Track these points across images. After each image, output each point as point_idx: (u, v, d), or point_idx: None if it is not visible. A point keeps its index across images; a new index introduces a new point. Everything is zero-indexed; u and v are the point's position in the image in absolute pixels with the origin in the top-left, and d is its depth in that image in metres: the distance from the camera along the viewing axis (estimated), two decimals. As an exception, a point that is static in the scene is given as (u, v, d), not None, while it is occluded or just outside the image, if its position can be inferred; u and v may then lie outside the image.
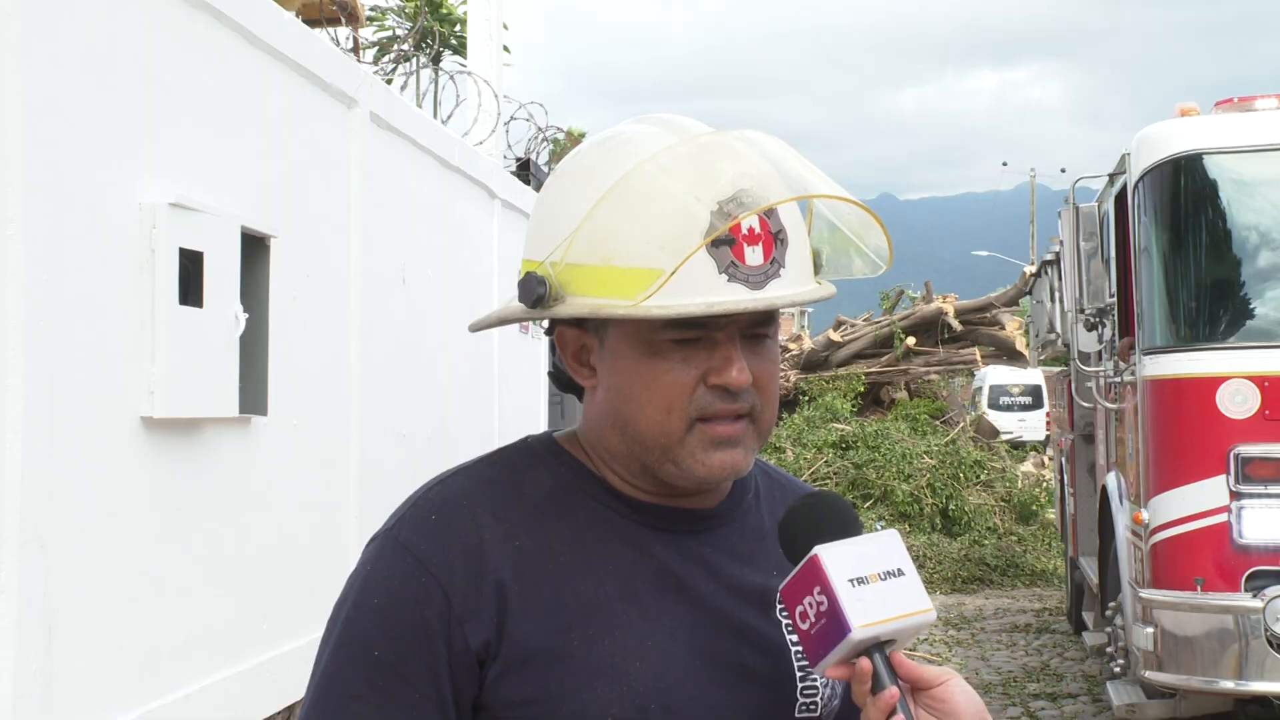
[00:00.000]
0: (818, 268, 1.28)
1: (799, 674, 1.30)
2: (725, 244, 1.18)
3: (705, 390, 1.23)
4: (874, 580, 1.17)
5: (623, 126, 1.29)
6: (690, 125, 1.26)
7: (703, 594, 1.29)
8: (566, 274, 1.21)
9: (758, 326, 1.25)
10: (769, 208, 1.19)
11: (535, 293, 1.22)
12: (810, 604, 1.17)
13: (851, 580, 1.16)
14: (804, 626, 1.18)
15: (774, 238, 1.21)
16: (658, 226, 1.17)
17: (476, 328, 1.37)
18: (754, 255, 1.19)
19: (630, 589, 1.26)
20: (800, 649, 1.27)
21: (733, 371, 1.22)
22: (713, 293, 1.18)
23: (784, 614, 1.30)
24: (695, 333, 1.22)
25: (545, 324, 1.34)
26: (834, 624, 1.15)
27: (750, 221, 1.19)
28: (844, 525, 1.23)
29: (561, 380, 1.36)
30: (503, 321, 1.31)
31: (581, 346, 1.29)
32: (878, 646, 1.17)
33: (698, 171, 1.18)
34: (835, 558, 1.17)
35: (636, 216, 1.18)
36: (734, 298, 1.18)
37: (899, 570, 1.19)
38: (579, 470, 1.31)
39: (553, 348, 1.35)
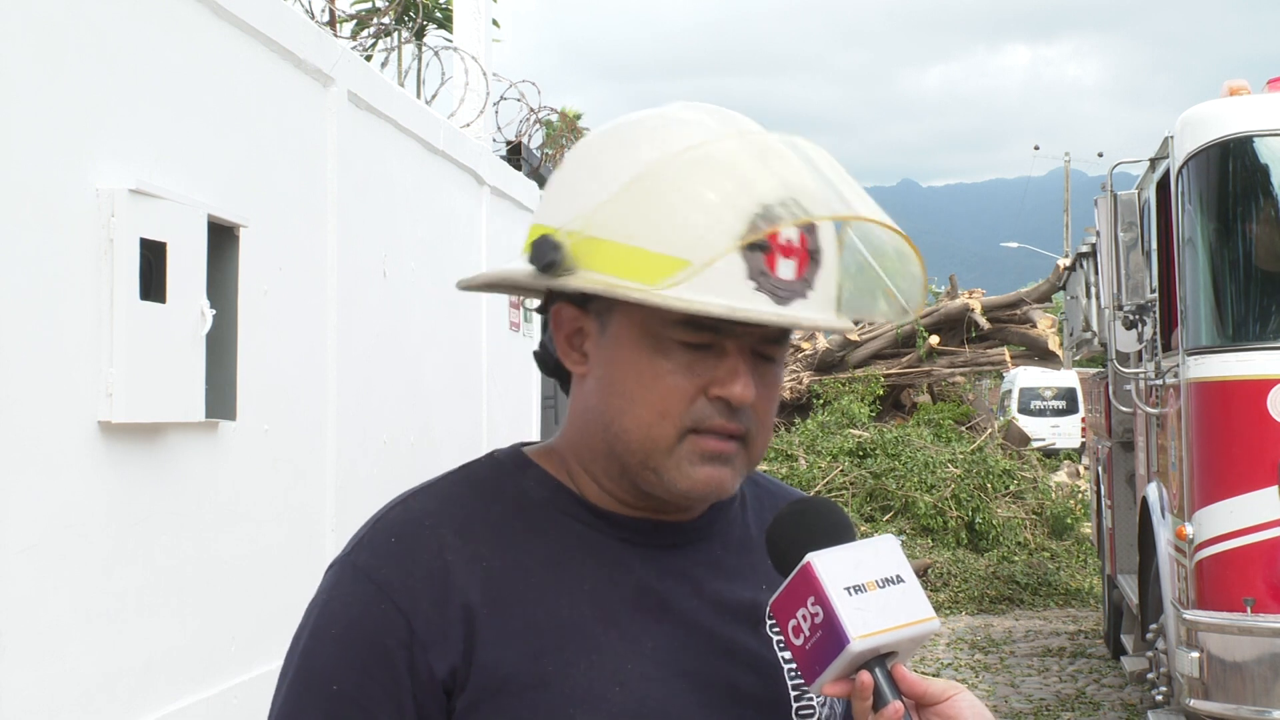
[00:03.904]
0: (838, 304, 1.27)
1: (794, 694, 1.31)
2: (760, 250, 1.18)
3: (705, 401, 1.23)
4: (872, 588, 1.18)
5: (673, 108, 1.29)
6: (741, 120, 1.27)
7: (686, 612, 1.29)
8: (585, 245, 1.20)
9: (769, 345, 1.25)
10: (814, 220, 1.19)
11: (548, 257, 1.21)
12: (804, 616, 1.17)
13: (848, 588, 1.17)
14: (797, 642, 1.18)
15: (809, 255, 1.21)
16: (695, 217, 1.16)
17: (467, 285, 1.35)
18: (786, 269, 1.19)
19: (607, 609, 1.26)
20: (794, 667, 1.27)
21: (737, 386, 1.22)
22: (737, 297, 1.18)
23: (775, 630, 1.30)
24: (706, 337, 1.22)
25: (537, 301, 1.34)
26: (831, 636, 1.16)
27: (790, 233, 1.19)
28: (836, 531, 1.23)
29: (548, 363, 1.36)
30: (501, 281, 1.30)
31: (578, 329, 1.29)
32: (878, 659, 1.17)
33: (745, 169, 1.18)
34: (830, 565, 1.18)
35: (674, 202, 1.17)
36: (757, 307, 1.18)
37: (898, 577, 1.19)
38: (549, 484, 1.32)
39: (544, 325, 1.34)
